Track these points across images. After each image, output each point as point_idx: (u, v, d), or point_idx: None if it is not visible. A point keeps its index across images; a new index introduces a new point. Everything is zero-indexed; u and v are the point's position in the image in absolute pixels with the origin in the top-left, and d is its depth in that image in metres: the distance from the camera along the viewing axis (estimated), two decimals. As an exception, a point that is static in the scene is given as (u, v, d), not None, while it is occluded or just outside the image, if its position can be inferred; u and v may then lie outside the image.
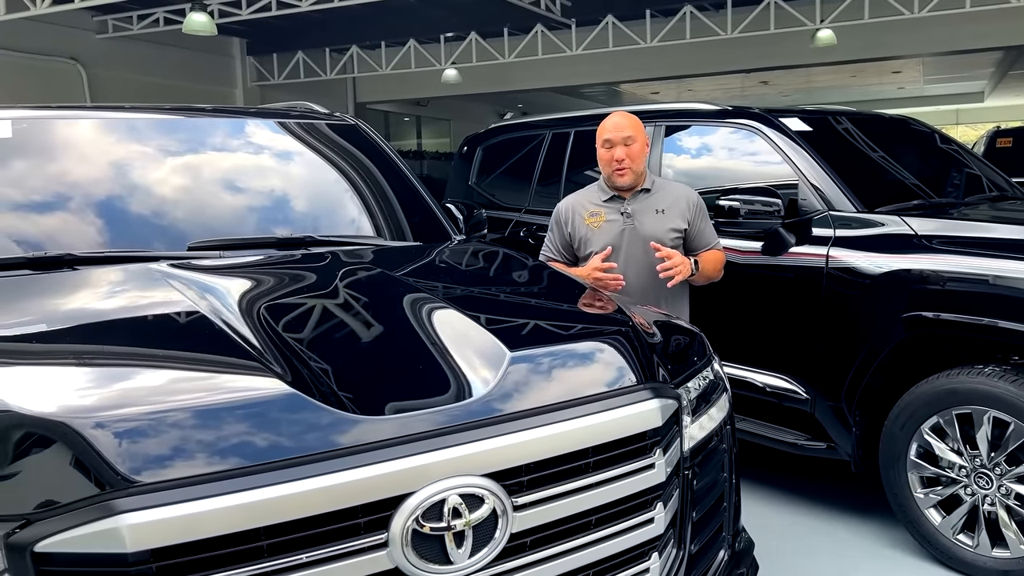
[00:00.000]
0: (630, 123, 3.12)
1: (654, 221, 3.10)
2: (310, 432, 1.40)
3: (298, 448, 1.37)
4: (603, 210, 3.15)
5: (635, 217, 3.10)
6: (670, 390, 1.80)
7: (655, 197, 3.14)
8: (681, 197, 3.17)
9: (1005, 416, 2.98)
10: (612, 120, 3.16)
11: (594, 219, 3.14)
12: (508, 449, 1.49)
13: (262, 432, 1.39)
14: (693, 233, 3.15)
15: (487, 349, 1.69)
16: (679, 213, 3.12)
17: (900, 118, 4.92)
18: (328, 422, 1.42)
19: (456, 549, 1.41)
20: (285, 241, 2.61)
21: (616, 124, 3.12)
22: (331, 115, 3.42)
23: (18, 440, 1.34)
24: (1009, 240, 3.17)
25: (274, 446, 1.37)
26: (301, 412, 1.43)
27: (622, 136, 3.07)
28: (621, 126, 3.11)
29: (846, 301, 3.42)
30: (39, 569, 1.23)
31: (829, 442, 3.55)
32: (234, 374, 1.55)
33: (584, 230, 3.16)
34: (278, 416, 1.42)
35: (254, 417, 1.41)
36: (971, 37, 11.44)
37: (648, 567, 1.69)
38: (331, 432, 1.41)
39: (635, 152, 3.08)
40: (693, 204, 3.17)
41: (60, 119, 2.82)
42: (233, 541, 1.27)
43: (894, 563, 3.32)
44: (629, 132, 3.08)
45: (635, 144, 3.08)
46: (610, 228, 3.12)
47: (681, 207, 3.13)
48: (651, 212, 3.11)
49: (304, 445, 1.38)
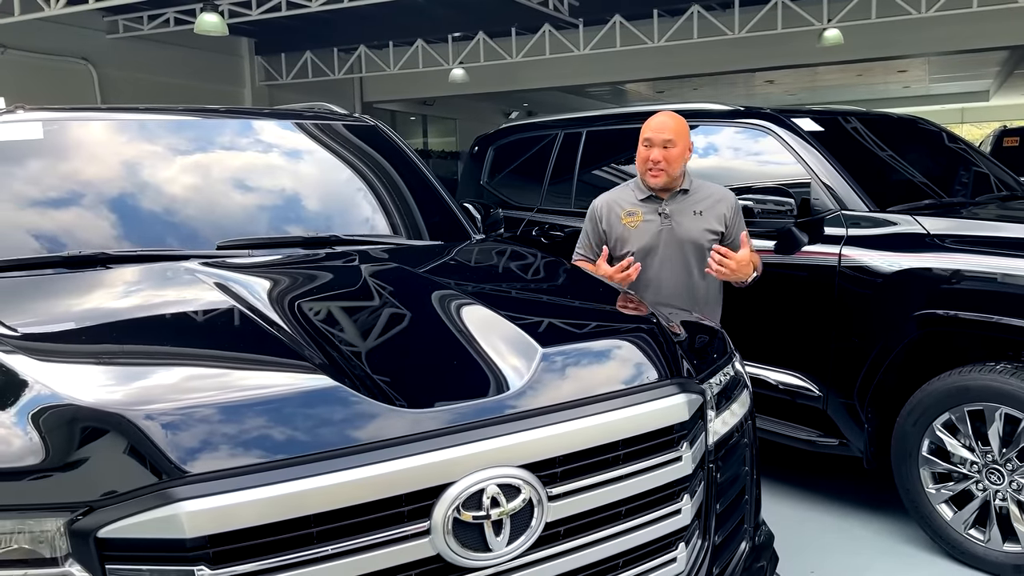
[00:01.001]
0: (674, 126, 3.07)
1: (691, 222, 3.07)
2: (355, 424, 1.46)
3: (344, 439, 1.43)
4: (640, 209, 3.12)
5: (673, 218, 3.07)
6: (695, 385, 1.86)
7: (693, 198, 3.11)
8: (720, 200, 3.14)
9: (1017, 412, 3.03)
10: (657, 120, 3.12)
11: (631, 218, 3.11)
12: (543, 441, 1.55)
13: (309, 424, 1.44)
14: (729, 235, 3.13)
15: (519, 345, 1.74)
16: (717, 215, 3.10)
17: (909, 118, 4.97)
18: (372, 414, 1.48)
19: (495, 537, 1.47)
20: (311, 240, 2.66)
21: (659, 125, 3.08)
22: (351, 116, 3.48)
23: (79, 431, 1.40)
24: (1020, 239, 3.21)
25: (321, 437, 1.42)
26: (346, 405, 1.49)
27: (662, 138, 3.04)
28: (663, 128, 3.07)
29: (858, 299, 3.46)
30: (102, 554, 1.29)
31: (842, 439, 3.59)
32: (280, 369, 1.60)
33: (620, 229, 3.12)
34: (324, 409, 1.47)
35: (302, 410, 1.46)
36: (977, 36, 11.47)
37: (675, 556, 1.75)
38: (375, 424, 1.47)
39: (672, 155, 3.03)
40: (731, 207, 3.14)
41: (89, 120, 2.89)
42: (284, 528, 1.33)
43: (907, 559, 3.37)
44: (670, 135, 3.04)
45: (674, 148, 3.03)
46: (647, 228, 3.08)
47: (720, 210, 3.11)
48: (689, 213, 3.08)
49: (349, 437, 1.44)
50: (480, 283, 2.34)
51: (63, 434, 1.40)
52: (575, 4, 11.60)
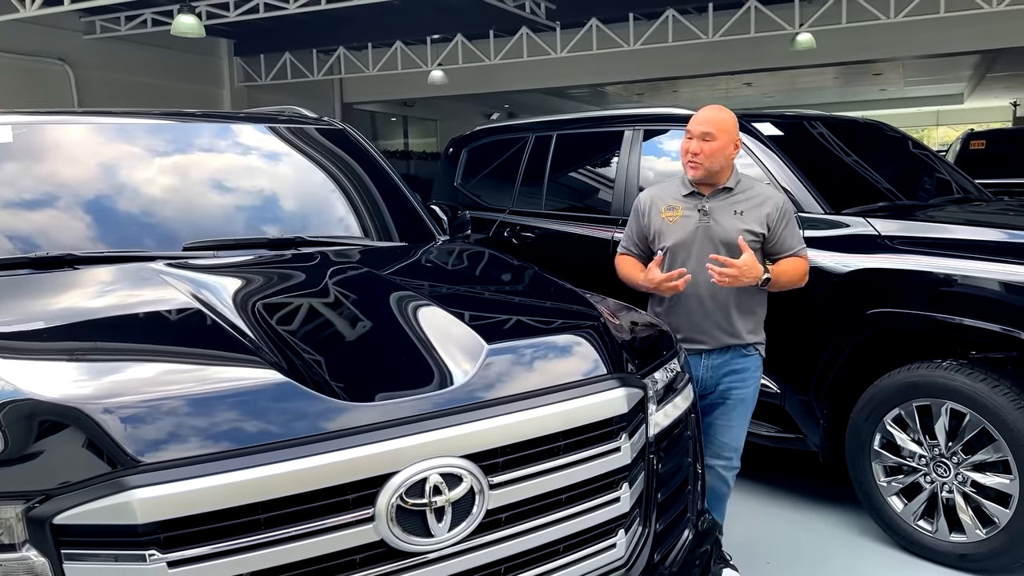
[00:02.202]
0: (716, 120, 3.00)
1: (730, 221, 2.98)
2: (304, 417, 1.54)
3: (293, 431, 1.50)
4: (681, 205, 3.06)
5: (712, 215, 3.00)
6: (636, 380, 1.95)
7: (737, 197, 3.03)
8: (766, 201, 3.03)
9: (961, 407, 3.15)
10: (701, 113, 3.06)
11: (671, 213, 3.06)
12: (484, 433, 1.63)
13: (260, 417, 1.52)
14: (772, 239, 3.02)
15: (466, 342, 1.83)
16: (758, 217, 2.99)
17: (871, 122, 5.09)
18: (320, 408, 1.56)
19: (436, 523, 1.55)
20: (276, 242, 2.73)
21: (701, 118, 3.02)
22: (319, 119, 3.55)
23: (37, 425, 1.47)
24: (966, 241, 3.33)
25: (271, 429, 1.50)
26: (296, 399, 1.56)
27: (701, 131, 2.97)
28: (704, 120, 3.00)
29: (813, 299, 3.56)
30: (58, 539, 1.36)
31: (799, 434, 3.71)
32: (234, 364, 1.67)
33: (659, 223, 3.08)
34: (275, 403, 1.55)
35: (253, 403, 1.54)
36: (947, 41, 11.68)
37: (615, 542, 1.83)
38: (323, 417, 1.55)
39: (711, 149, 2.95)
40: (778, 209, 3.03)
41: (59, 124, 2.94)
42: (233, 514, 1.41)
43: (861, 549, 3.49)
44: (710, 129, 2.96)
45: (714, 142, 2.95)
46: (684, 224, 3.02)
47: (763, 211, 3.00)
48: (729, 212, 3.00)
49: (298, 429, 1.51)
50: (436, 283, 2.43)
51: (22, 427, 1.46)
52: (552, 7, 11.71)
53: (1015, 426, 3.01)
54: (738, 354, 3.01)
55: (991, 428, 3.08)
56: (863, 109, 24.43)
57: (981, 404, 3.09)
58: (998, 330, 3.08)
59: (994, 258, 3.17)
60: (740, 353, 3.01)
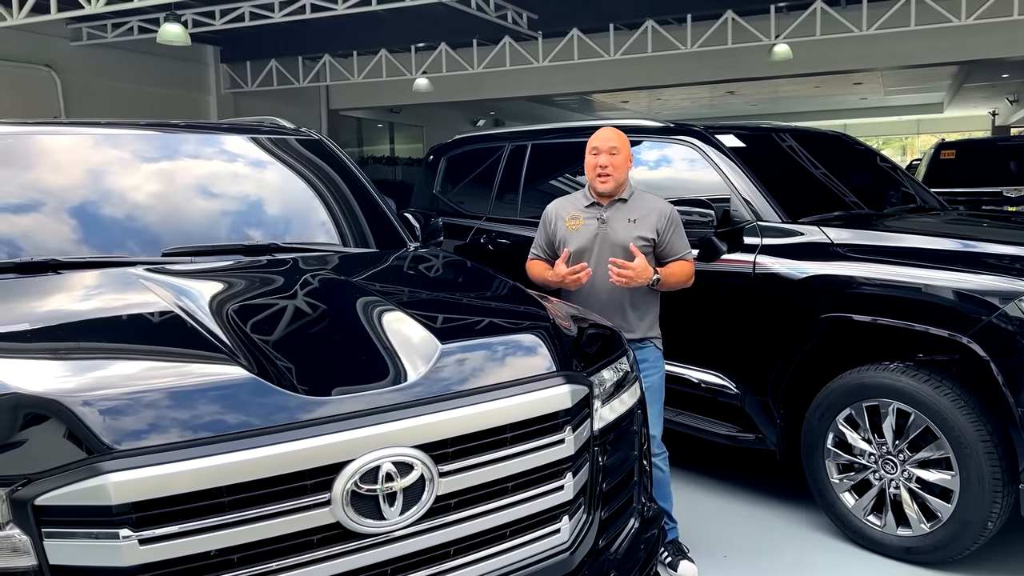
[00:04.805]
0: (617, 137, 3.41)
1: (625, 229, 3.34)
2: (267, 410, 1.68)
3: (256, 423, 1.64)
4: (583, 215, 3.42)
5: (609, 224, 3.36)
6: (582, 377, 2.09)
7: (630, 207, 3.40)
8: (654, 210, 3.39)
9: (907, 407, 3.31)
10: (601, 132, 3.46)
11: (573, 222, 3.42)
12: (435, 425, 1.78)
13: (227, 410, 1.66)
14: (661, 244, 3.38)
15: (422, 342, 1.97)
16: (649, 224, 3.35)
17: (834, 134, 5.27)
18: (283, 402, 1.70)
19: (389, 508, 1.69)
20: (251, 248, 2.87)
21: (604, 136, 3.42)
22: (297, 130, 3.69)
23: (21, 416, 1.61)
24: (915, 249, 3.50)
25: (236, 421, 1.64)
26: (261, 394, 1.70)
27: (608, 146, 3.36)
28: (608, 138, 3.40)
29: (770, 304, 3.73)
30: (38, 519, 1.50)
31: (758, 433, 3.86)
32: (205, 362, 1.81)
33: (563, 231, 3.44)
34: (240, 397, 1.69)
35: (219, 397, 1.68)
36: (922, 52, 11.94)
37: (559, 528, 1.98)
38: (285, 410, 1.68)
39: (618, 162, 3.35)
40: (666, 217, 3.39)
41: (44, 134, 3.07)
42: (200, 497, 1.54)
43: (815, 543, 3.64)
44: (615, 144, 3.37)
45: (619, 155, 3.36)
46: (585, 231, 3.38)
47: (653, 219, 3.36)
48: (624, 221, 3.36)
49: (262, 420, 1.65)
50: (399, 287, 2.57)
51: (7, 418, 1.60)
52: (534, 17, 11.90)
53: (955, 425, 3.17)
54: (636, 347, 3.21)
55: (934, 427, 3.24)
56: (845, 118, 24.77)
57: (924, 404, 3.25)
58: (944, 335, 3.23)
59: (941, 266, 3.32)
60: (637, 346, 3.26)
